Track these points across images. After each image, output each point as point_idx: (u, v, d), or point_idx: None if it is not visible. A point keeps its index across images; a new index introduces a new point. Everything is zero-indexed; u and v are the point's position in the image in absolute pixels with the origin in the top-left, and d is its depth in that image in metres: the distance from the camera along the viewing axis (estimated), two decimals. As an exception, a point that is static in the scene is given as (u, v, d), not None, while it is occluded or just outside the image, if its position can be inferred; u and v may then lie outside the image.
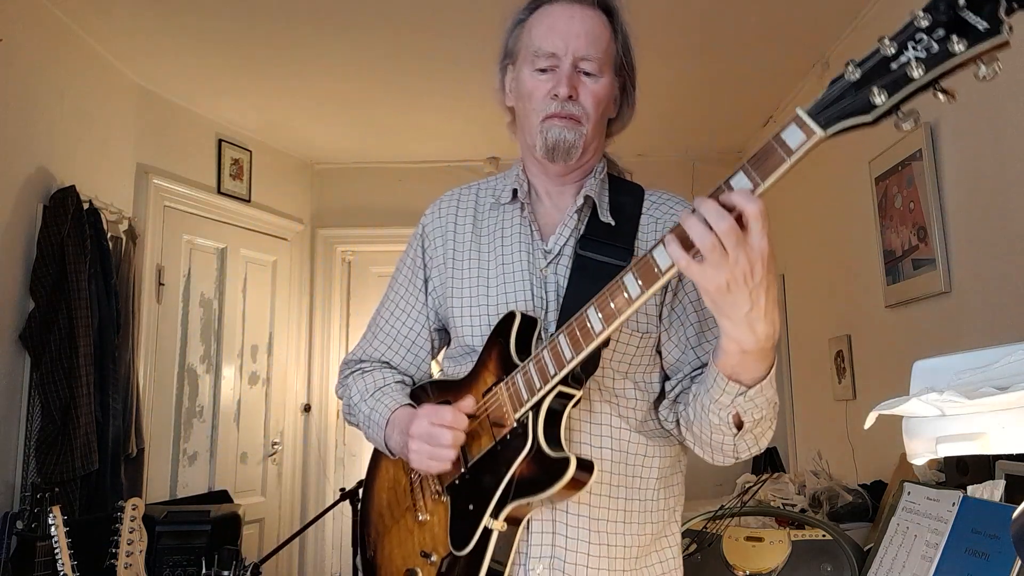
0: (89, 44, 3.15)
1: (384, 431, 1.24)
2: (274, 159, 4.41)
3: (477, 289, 1.24)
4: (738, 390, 0.99)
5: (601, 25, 1.19)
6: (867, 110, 0.78)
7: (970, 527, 1.34)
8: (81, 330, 2.73)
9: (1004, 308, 2.06)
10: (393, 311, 1.35)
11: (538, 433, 1.05)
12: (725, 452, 1.12)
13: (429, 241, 1.32)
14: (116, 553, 2.07)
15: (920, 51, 0.74)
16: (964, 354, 0.91)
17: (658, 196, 1.27)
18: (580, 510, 1.13)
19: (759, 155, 0.86)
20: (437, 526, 1.17)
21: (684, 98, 3.65)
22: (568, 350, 1.03)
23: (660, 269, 0.92)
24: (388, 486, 1.30)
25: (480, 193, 1.33)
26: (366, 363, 1.37)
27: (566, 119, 1.17)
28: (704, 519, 1.81)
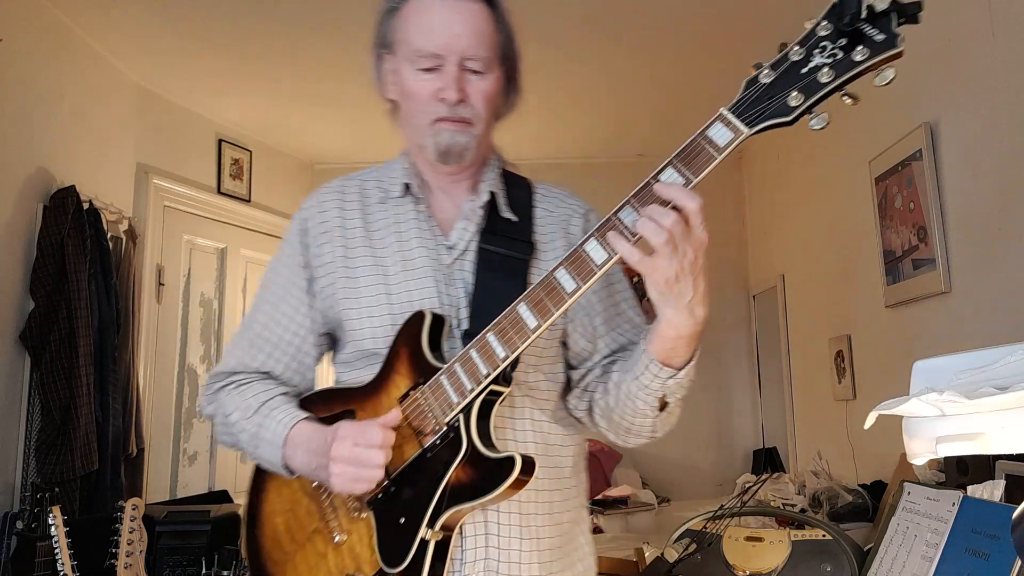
0: (89, 44, 3.15)
1: (282, 450, 1.12)
2: (274, 159, 4.41)
3: (376, 288, 1.15)
4: (669, 374, 1.03)
5: (484, 18, 1.12)
6: (787, 112, 0.87)
7: (970, 527, 1.34)
8: (81, 330, 2.73)
9: (1004, 308, 2.06)
10: (272, 315, 1.21)
11: (472, 435, 1.02)
12: (642, 434, 1.14)
13: (312, 238, 1.20)
14: (116, 553, 2.07)
15: (827, 58, 0.84)
16: (964, 354, 0.91)
17: (546, 189, 1.27)
18: (511, 507, 1.11)
19: (687, 151, 0.92)
20: (359, 544, 1.09)
21: (684, 98, 3.64)
22: (501, 348, 1.01)
23: (596, 264, 0.96)
24: (283, 509, 1.18)
25: (365, 185, 1.24)
26: (241, 375, 1.22)
27: (457, 123, 1.12)
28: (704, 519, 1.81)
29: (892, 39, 0.81)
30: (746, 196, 4.67)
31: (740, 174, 4.68)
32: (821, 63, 0.84)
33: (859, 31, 0.82)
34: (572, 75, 3.50)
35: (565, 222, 1.23)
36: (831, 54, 0.84)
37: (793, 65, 0.87)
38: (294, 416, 1.13)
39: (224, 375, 1.23)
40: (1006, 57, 2.04)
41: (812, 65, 0.85)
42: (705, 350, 1.05)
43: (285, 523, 1.18)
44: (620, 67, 3.44)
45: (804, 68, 0.86)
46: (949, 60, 2.29)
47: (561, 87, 3.62)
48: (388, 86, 1.22)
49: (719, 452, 4.53)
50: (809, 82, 0.85)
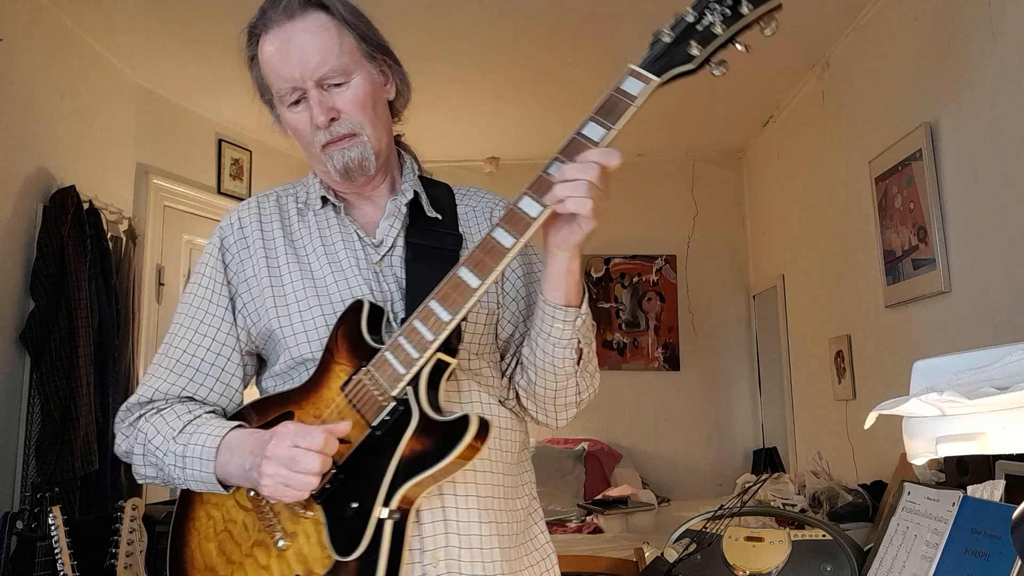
0: (89, 44, 3.15)
1: (215, 461, 1.06)
2: (274, 159, 4.41)
3: (306, 292, 1.13)
4: (576, 314, 1.07)
5: (322, 28, 1.11)
6: (689, 60, 0.98)
7: (970, 527, 1.34)
8: (81, 330, 2.73)
9: (1004, 308, 2.06)
10: (192, 338, 1.16)
11: (422, 404, 1.00)
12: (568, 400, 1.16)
13: (231, 255, 1.18)
14: (116, 553, 2.07)
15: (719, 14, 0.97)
16: (964, 354, 0.91)
17: (465, 190, 1.30)
18: (468, 490, 1.09)
19: (605, 107, 1.00)
20: (307, 544, 1.04)
21: (684, 98, 3.64)
22: (444, 312, 1.00)
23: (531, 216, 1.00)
24: (216, 532, 1.12)
25: (281, 200, 1.23)
26: (159, 402, 1.15)
27: (341, 140, 1.12)
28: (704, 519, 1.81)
29: None
30: (746, 196, 4.67)
31: (740, 174, 4.68)
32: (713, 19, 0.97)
33: None
34: (572, 75, 3.51)
35: (488, 213, 1.25)
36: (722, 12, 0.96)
37: (689, 25, 0.99)
38: (225, 427, 1.08)
39: (140, 405, 1.16)
40: (1006, 57, 2.04)
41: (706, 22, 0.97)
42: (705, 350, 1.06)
43: (219, 547, 1.11)
44: (610, 66, 3.43)
45: (699, 25, 0.98)
46: (949, 60, 2.29)
47: (561, 87, 3.62)
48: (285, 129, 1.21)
49: (719, 452, 4.53)
50: (705, 34, 0.98)
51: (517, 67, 3.42)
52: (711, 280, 4.73)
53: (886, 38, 2.74)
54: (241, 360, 1.18)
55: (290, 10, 1.11)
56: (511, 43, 3.19)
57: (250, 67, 1.19)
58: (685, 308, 4.71)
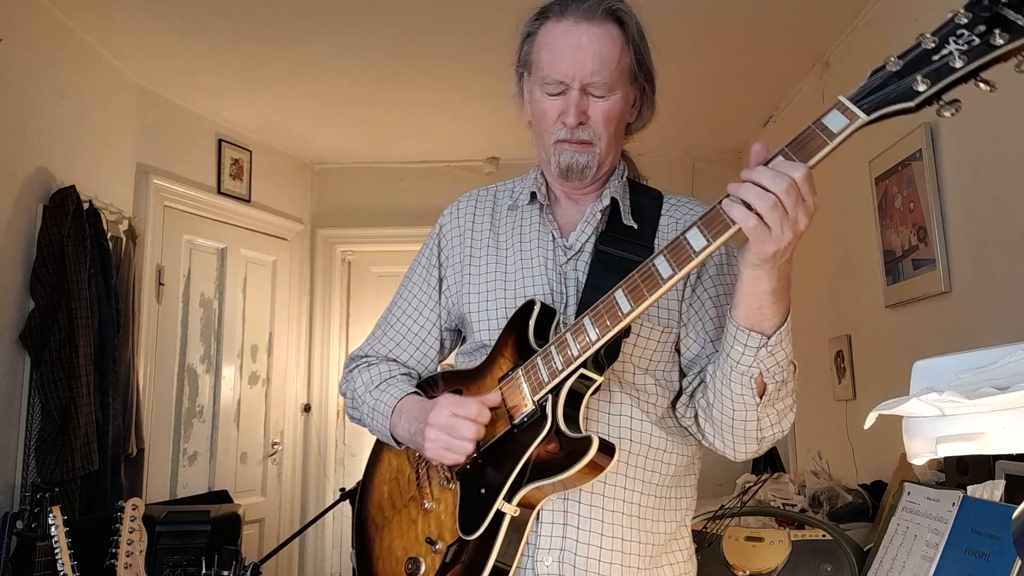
0: (89, 44, 3.15)
1: (390, 419, 1.22)
2: (274, 159, 4.41)
3: (494, 284, 1.23)
4: (759, 342, 1.00)
5: (610, 41, 1.15)
6: (911, 97, 0.83)
7: (970, 527, 1.34)
8: (81, 330, 2.73)
9: (1004, 308, 2.06)
10: (405, 309, 1.35)
11: (557, 414, 1.05)
12: (748, 433, 1.09)
13: (446, 241, 1.32)
14: (116, 553, 2.07)
15: (962, 44, 0.79)
16: (964, 354, 0.91)
17: (677, 199, 1.28)
18: (594, 501, 1.12)
19: (799, 140, 0.90)
20: (444, 513, 1.15)
21: (684, 98, 3.64)
22: (593, 331, 1.02)
23: (694, 249, 0.94)
24: (390, 478, 1.28)
25: (498, 195, 1.34)
26: (372, 358, 1.36)
27: (576, 144, 1.17)
28: (704, 519, 1.81)
29: None
30: (746, 196, 4.66)
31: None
32: (955, 49, 0.80)
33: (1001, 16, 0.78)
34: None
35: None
36: (967, 41, 0.79)
37: (924, 53, 0.82)
38: (404, 391, 1.24)
39: (359, 358, 1.37)
40: (1006, 57, 2.03)
41: (945, 52, 0.80)
42: None
43: (389, 491, 1.27)
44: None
45: (936, 55, 0.81)
46: (949, 60, 2.29)
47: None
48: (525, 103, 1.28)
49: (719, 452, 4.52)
50: (939, 67, 0.81)
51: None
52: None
53: (886, 38, 2.74)
54: (439, 335, 1.33)
55: (591, 12, 1.15)
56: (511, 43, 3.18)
57: (523, 39, 1.24)
58: (685, 308, 4.69)
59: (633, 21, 1.18)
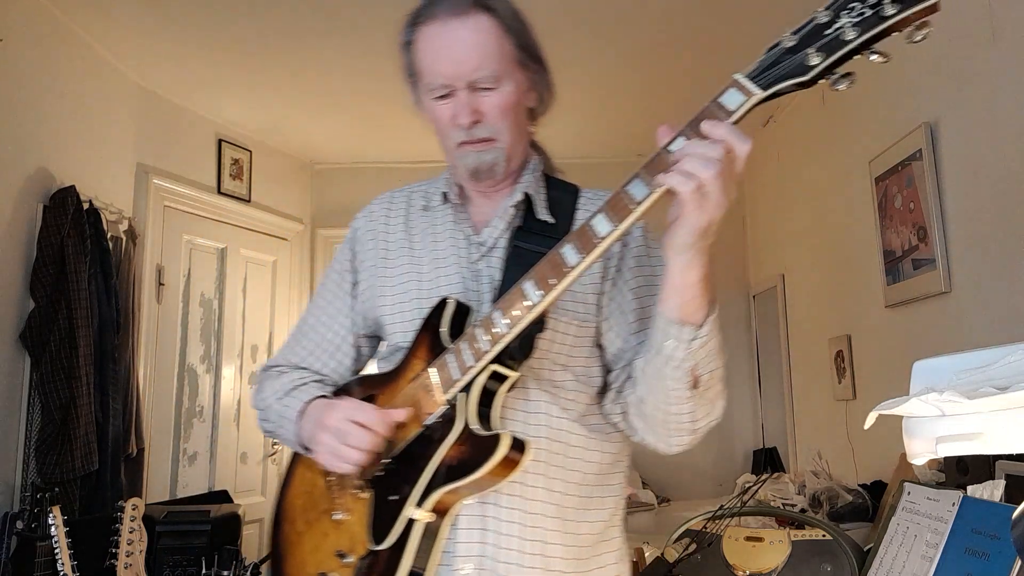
0: (89, 44, 3.15)
1: (296, 424, 1.17)
2: (274, 159, 4.41)
3: (408, 286, 1.20)
4: (692, 334, 0.96)
5: (484, 32, 1.11)
6: (803, 72, 0.82)
7: (970, 527, 1.34)
8: (81, 330, 2.73)
9: (1004, 308, 2.06)
10: (319, 316, 1.30)
11: (469, 413, 1.00)
12: (682, 426, 1.05)
13: (360, 245, 1.28)
14: (116, 553, 2.07)
15: (854, 16, 0.79)
16: (964, 354, 0.91)
17: (593, 193, 1.24)
18: (513, 503, 1.07)
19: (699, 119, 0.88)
20: (356, 524, 1.09)
21: (684, 98, 3.64)
22: (502, 323, 0.99)
23: (599, 235, 0.92)
24: (303, 491, 1.22)
25: (412, 196, 1.30)
26: (284, 367, 1.30)
27: (478, 143, 1.14)
28: (704, 519, 1.81)
29: None
30: (746, 196, 4.67)
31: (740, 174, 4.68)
32: (847, 22, 0.79)
33: None
34: (570, 75, 3.50)
35: None
36: (859, 12, 0.78)
37: (817, 27, 0.81)
38: (314, 395, 1.19)
39: (270, 368, 1.31)
40: (1006, 57, 2.04)
41: (838, 25, 0.80)
42: None
43: (302, 504, 1.21)
44: (618, 67, 3.45)
45: (829, 29, 0.80)
46: (949, 60, 2.29)
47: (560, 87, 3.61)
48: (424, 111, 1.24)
49: (719, 452, 4.52)
50: (831, 40, 0.80)
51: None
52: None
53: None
54: (355, 342, 1.28)
55: (458, 8, 1.11)
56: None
57: (403, 50, 1.19)
58: (685, 308, 4.70)
59: (504, 6, 1.14)
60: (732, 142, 0.86)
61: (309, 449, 1.15)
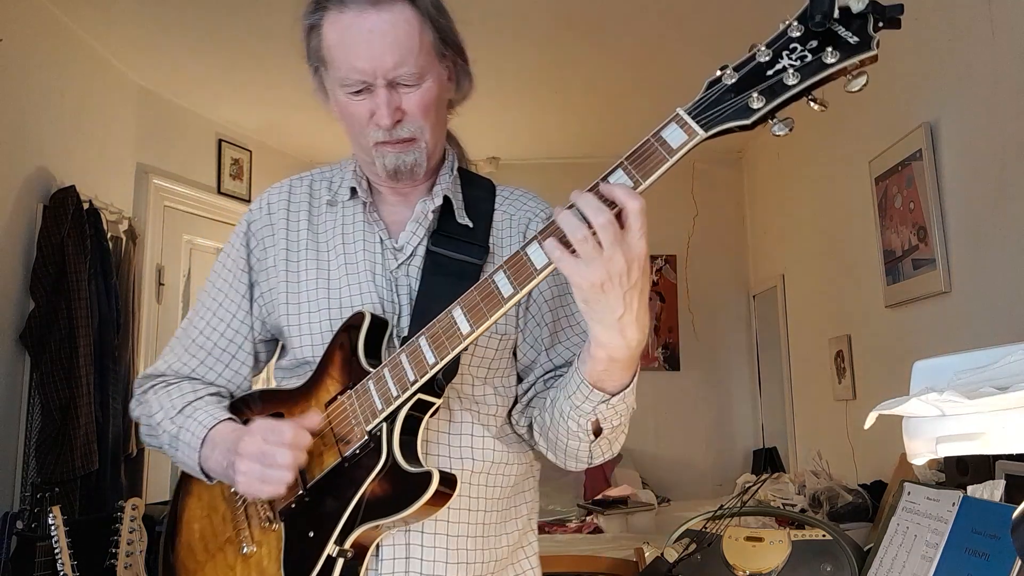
0: (89, 44, 3.15)
1: (199, 451, 1.05)
2: (274, 159, 4.41)
3: (316, 294, 1.09)
4: (601, 398, 0.93)
5: (404, 24, 1.01)
6: (746, 115, 0.80)
7: (970, 527, 1.34)
8: (81, 330, 2.73)
9: (1004, 308, 2.06)
10: (209, 320, 1.16)
11: (393, 446, 0.94)
12: (580, 459, 1.05)
13: (256, 241, 1.15)
14: (116, 553, 2.07)
15: (795, 60, 0.77)
16: (964, 354, 0.91)
17: (510, 192, 1.19)
18: (437, 527, 1.03)
19: (638, 152, 0.84)
20: (267, 559, 1.01)
21: (684, 98, 3.64)
22: (431, 354, 0.93)
23: (535, 268, 0.87)
24: (201, 515, 1.11)
25: (315, 185, 1.18)
26: (170, 376, 1.16)
27: (399, 144, 1.05)
28: (704, 519, 1.81)
29: (867, 42, 0.75)
30: (746, 196, 4.67)
31: (740, 174, 4.68)
32: (788, 65, 0.77)
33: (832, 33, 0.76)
34: (561, 76, 3.50)
35: (525, 225, 1.15)
36: (800, 56, 0.77)
37: (759, 67, 0.79)
38: (216, 417, 1.07)
39: (152, 377, 1.17)
40: (1006, 57, 2.03)
41: (779, 67, 0.78)
42: (705, 350, 1.02)
43: (201, 531, 1.11)
44: (609, 68, 3.44)
45: (770, 70, 0.79)
46: (949, 60, 2.29)
47: (550, 88, 3.62)
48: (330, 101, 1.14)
49: (719, 452, 4.53)
50: (774, 84, 0.78)
51: (517, 67, 3.41)
52: (711, 280, 4.73)
53: (886, 38, 2.74)
54: (252, 349, 1.17)
55: None
56: (511, 43, 3.19)
57: (306, 34, 1.08)
58: (685, 308, 4.71)
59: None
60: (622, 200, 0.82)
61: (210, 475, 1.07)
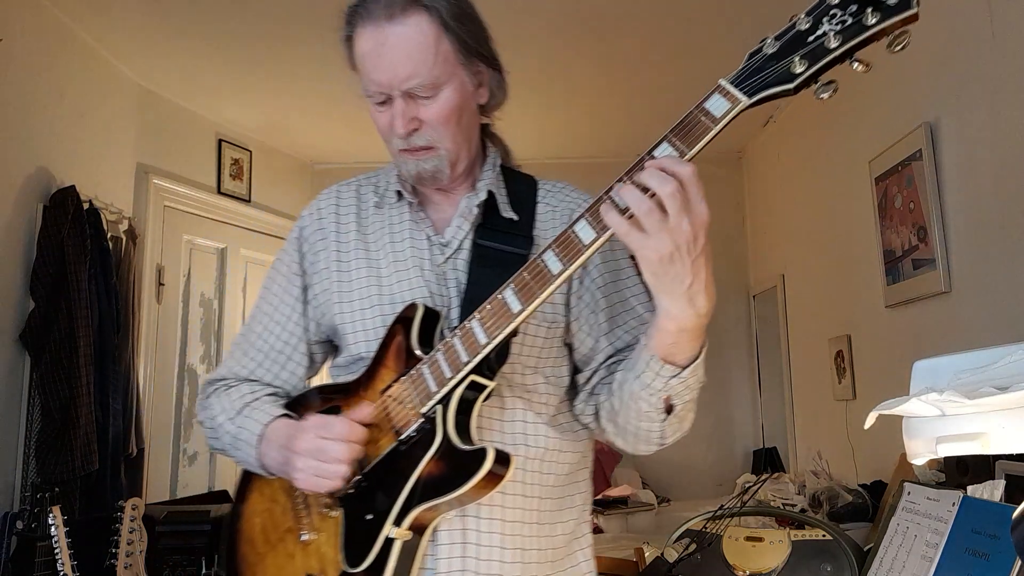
0: (89, 44, 3.15)
1: (257, 448, 1.10)
2: (274, 159, 4.41)
3: (367, 291, 1.13)
4: (672, 372, 0.94)
5: (419, 36, 1.04)
6: (789, 79, 0.82)
7: (970, 527, 1.34)
8: (81, 330, 2.73)
9: (1004, 308, 2.06)
10: (267, 324, 1.21)
11: (448, 427, 0.97)
12: (651, 440, 1.05)
13: (308, 246, 1.20)
14: (116, 553, 2.07)
15: (835, 24, 0.79)
16: (964, 354, 0.91)
17: (551, 185, 1.22)
18: (493, 514, 1.05)
19: (682, 124, 0.86)
20: (326, 544, 1.05)
21: (684, 98, 3.64)
22: (483, 335, 0.95)
23: (583, 243, 0.89)
24: (262, 508, 1.16)
25: (362, 190, 1.23)
26: (231, 380, 1.22)
27: (416, 151, 1.09)
28: (704, 519, 1.81)
29: (907, 1, 0.76)
30: (746, 196, 4.67)
31: (740, 174, 4.68)
32: (828, 30, 0.79)
33: None
34: (572, 75, 3.50)
35: (567, 216, 1.16)
36: (840, 20, 0.79)
37: (799, 34, 0.82)
38: (271, 415, 1.12)
39: (214, 382, 1.23)
40: (1006, 57, 2.03)
41: (819, 32, 0.80)
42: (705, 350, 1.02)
43: (262, 523, 1.15)
44: (620, 67, 3.44)
45: (811, 36, 0.81)
46: (949, 60, 2.29)
47: (561, 87, 3.62)
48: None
49: (719, 452, 4.52)
50: (815, 48, 0.80)
51: (518, 66, 3.41)
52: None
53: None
54: (307, 350, 1.22)
55: (391, 8, 1.05)
56: (511, 43, 3.18)
57: (345, 44, 1.13)
58: (685, 308, 4.70)
59: (443, 2, 1.06)
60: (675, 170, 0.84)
61: (270, 471, 1.11)
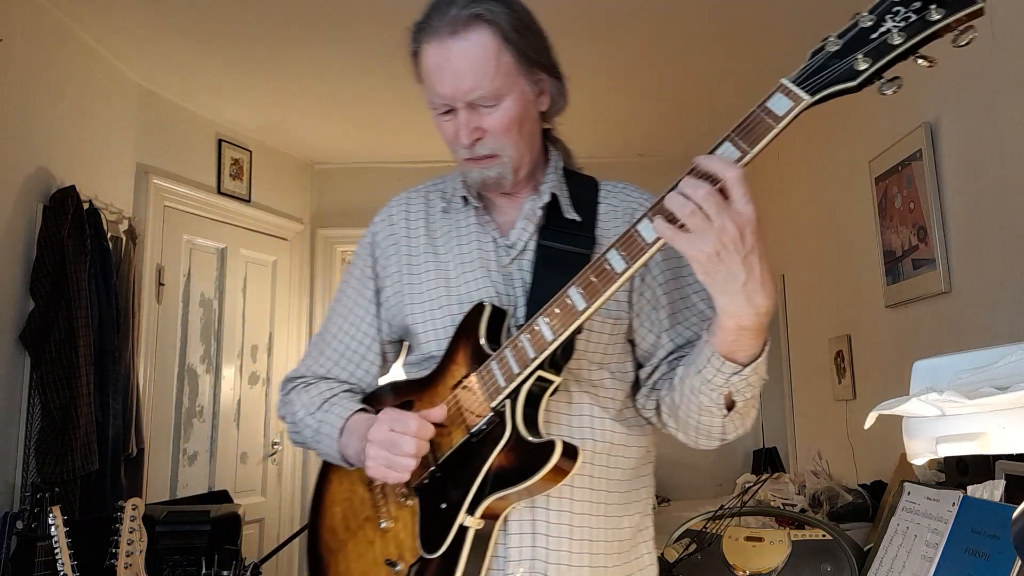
0: (89, 44, 3.15)
1: (339, 441, 1.17)
2: (274, 159, 4.41)
3: (436, 292, 1.19)
4: (733, 369, 0.97)
5: (480, 49, 1.09)
6: (852, 77, 0.82)
7: (970, 527, 1.34)
8: (81, 330, 2.73)
9: (1004, 308, 2.06)
10: (341, 325, 1.29)
11: (516, 420, 1.01)
12: (712, 435, 1.09)
13: (380, 250, 1.27)
14: (116, 553, 2.07)
15: (899, 21, 0.79)
16: (964, 354, 0.91)
17: (612, 185, 1.26)
18: (561, 505, 1.09)
19: (744, 124, 0.88)
20: (403, 531, 1.11)
21: (684, 98, 3.64)
22: (549, 331, 0.99)
23: (646, 241, 0.92)
24: (342, 499, 1.22)
25: (430, 196, 1.29)
26: (309, 378, 1.30)
27: (480, 160, 1.14)
28: (704, 519, 1.81)
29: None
30: (746, 196, 4.67)
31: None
32: (892, 27, 0.80)
33: None
34: (574, 75, 3.50)
35: (629, 216, 1.19)
36: (904, 17, 0.79)
37: (862, 32, 0.82)
38: (351, 409, 1.19)
39: (293, 380, 1.31)
40: (1006, 57, 2.04)
41: (883, 29, 0.80)
42: None
43: (342, 512, 1.21)
44: (621, 67, 3.44)
45: (874, 34, 0.81)
46: (949, 60, 2.29)
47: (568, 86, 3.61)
48: None
49: (719, 452, 4.49)
50: (879, 45, 0.81)
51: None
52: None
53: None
54: (381, 350, 1.28)
55: (454, 24, 1.09)
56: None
57: (413, 58, 1.17)
58: (685, 308, 4.70)
59: (504, 16, 1.10)
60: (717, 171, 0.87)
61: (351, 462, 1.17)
